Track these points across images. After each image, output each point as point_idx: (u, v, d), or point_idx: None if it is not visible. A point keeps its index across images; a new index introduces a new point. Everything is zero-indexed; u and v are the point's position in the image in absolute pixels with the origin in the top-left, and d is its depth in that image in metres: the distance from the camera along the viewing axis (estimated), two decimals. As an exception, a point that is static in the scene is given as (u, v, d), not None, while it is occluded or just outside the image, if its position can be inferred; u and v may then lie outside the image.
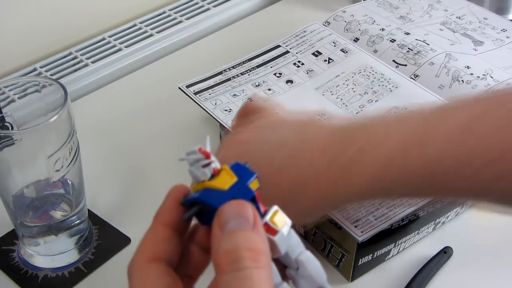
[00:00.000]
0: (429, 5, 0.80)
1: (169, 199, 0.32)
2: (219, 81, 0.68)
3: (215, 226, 0.29)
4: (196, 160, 0.31)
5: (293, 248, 0.31)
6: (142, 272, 0.30)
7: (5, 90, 0.58)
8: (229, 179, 0.31)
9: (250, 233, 0.29)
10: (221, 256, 0.28)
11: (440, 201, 0.54)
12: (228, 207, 0.29)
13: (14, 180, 0.52)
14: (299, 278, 0.31)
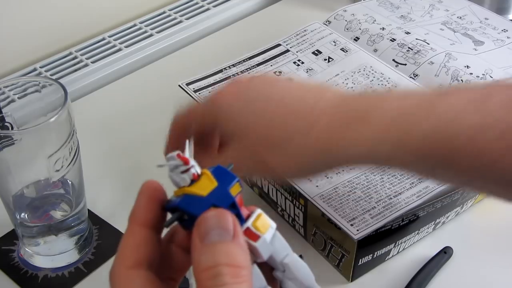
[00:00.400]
0: (430, 5, 0.80)
1: (142, 197, 0.31)
2: (219, 79, 0.68)
3: (195, 236, 0.29)
4: (175, 166, 0.31)
5: (279, 251, 0.31)
6: (125, 281, 0.29)
7: (5, 90, 0.58)
8: (209, 184, 0.30)
9: (230, 245, 0.28)
10: (201, 271, 0.28)
11: (440, 201, 0.54)
12: (208, 216, 0.29)
13: (14, 180, 0.52)
14: (287, 280, 0.31)
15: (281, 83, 0.47)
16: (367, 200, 0.53)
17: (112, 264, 0.30)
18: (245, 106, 0.45)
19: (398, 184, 0.55)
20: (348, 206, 0.53)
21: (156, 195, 0.31)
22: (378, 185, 0.54)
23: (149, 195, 0.31)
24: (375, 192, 0.54)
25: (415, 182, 0.55)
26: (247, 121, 0.44)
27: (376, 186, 0.54)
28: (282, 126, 0.43)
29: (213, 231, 0.28)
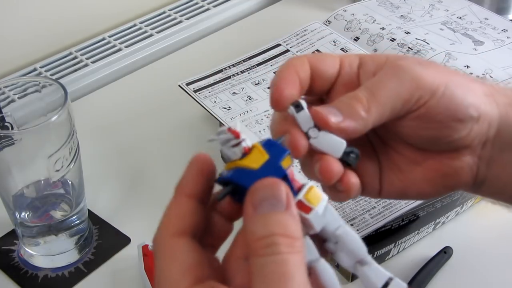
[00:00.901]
0: (430, 5, 0.80)
1: (192, 169, 0.32)
2: (218, 79, 0.68)
3: (248, 205, 0.29)
4: (226, 140, 0.31)
5: (331, 222, 0.31)
6: (169, 248, 0.30)
7: (5, 90, 0.58)
8: (260, 157, 0.30)
9: (283, 216, 0.28)
10: (256, 240, 0.28)
11: (440, 201, 0.54)
12: (261, 185, 0.29)
13: (14, 180, 0.52)
14: (339, 252, 0.31)
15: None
16: (367, 200, 0.53)
17: (156, 231, 0.31)
18: None
19: (398, 184, 0.55)
20: (348, 206, 0.53)
21: (205, 168, 0.32)
22: (378, 185, 0.54)
23: (198, 168, 0.32)
24: (375, 192, 0.54)
25: (415, 182, 0.55)
26: None
27: (376, 186, 0.54)
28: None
29: (267, 201, 0.29)
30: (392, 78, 0.36)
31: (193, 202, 0.31)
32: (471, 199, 0.59)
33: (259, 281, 0.27)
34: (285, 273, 0.27)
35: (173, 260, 0.29)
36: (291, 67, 0.37)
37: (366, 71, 0.38)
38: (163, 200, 0.67)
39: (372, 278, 0.31)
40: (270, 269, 0.27)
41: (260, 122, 0.62)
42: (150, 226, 0.62)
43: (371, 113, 0.35)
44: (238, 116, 0.63)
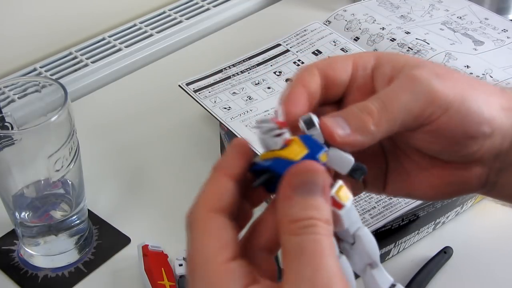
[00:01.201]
0: (430, 5, 0.80)
1: (233, 151, 0.32)
2: (218, 79, 0.68)
3: (286, 187, 0.29)
4: (269, 129, 0.31)
5: (353, 223, 0.31)
6: (206, 223, 0.30)
7: (5, 90, 0.58)
8: (300, 150, 0.31)
9: (321, 201, 0.29)
10: (294, 221, 0.29)
11: (440, 201, 0.54)
12: (302, 169, 0.30)
13: (14, 180, 0.52)
14: (353, 253, 0.32)
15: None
16: (367, 200, 0.53)
17: (191, 207, 0.31)
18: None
19: (398, 184, 0.55)
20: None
21: (246, 152, 0.32)
22: (378, 185, 0.54)
23: (239, 151, 0.32)
24: (375, 192, 0.54)
25: (415, 182, 0.55)
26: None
27: (376, 186, 0.54)
28: None
29: (306, 185, 0.29)
30: (406, 91, 0.34)
31: (232, 182, 0.31)
32: (471, 199, 0.59)
33: (294, 256, 0.28)
34: (322, 251, 0.28)
35: (210, 235, 0.30)
36: (299, 81, 0.36)
37: (381, 74, 0.37)
38: (163, 200, 0.68)
39: (379, 282, 0.31)
40: (308, 246, 0.28)
41: (260, 122, 0.62)
42: (150, 226, 0.63)
43: (380, 127, 0.34)
44: (238, 116, 0.63)
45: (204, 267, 0.29)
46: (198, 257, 0.30)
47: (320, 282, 0.27)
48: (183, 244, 0.59)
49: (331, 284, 0.27)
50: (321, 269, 0.27)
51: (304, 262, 0.28)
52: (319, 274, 0.27)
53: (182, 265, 0.55)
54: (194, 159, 0.68)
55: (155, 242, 0.57)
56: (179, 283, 0.54)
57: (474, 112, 0.35)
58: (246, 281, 0.29)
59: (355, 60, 0.37)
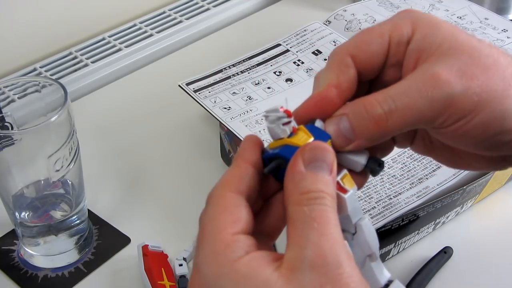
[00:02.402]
0: (430, 5, 0.80)
1: (247, 142, 0.34)
2: (218, 79, 0.68)
3: (298, 160, 0.31)
4: (277, 118, 0.33)
5: (356, 212, 0.32)
6: (224, 199, 0.31)
7: (5, 90, 0.58)
8: (306, 138, 0.32)
9: (329, 179, 0.31)
10: (304, 193, 0.30)
11: (440, 201, 0.54)
12: (315, 146, 0.31)
13: (14, 180, 0.52)
14: (354, 244, 0.33)
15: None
16: (367, 200, 0.53)
17: (213, 188, 0.32)
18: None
19: (398, 184, 0.55)
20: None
21: (258, 143, 0.34)
22: (378, 185, 0.54)
23: (252, 141, 0.34)
24: (375, 192, 0.54)
25: (415, 182, 0.55)
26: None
27: (376, 186, 0.54)
28: None
29: (317, 162, 0.31)
30: (423, 94, 0.32)
31: (251, 167, 0.33)
32: (471, 199, 0.59)
33: (301, 223, 0.29)
34: (329, 219, 0.29)
35: (225, 210, 0.31)
36: (331, 79, 0.34)
37: (411, 51, 0.34)
38: (163, 200, 0.68)
39: (377, 275, 0.32)
40: (316, 213, 0.29)
41: (260, 122, 0.62)
42: (150, 226, 0.63)
43: (386, 133, 0.33)
44: (238, 116, 0.63)
45: (213, 235, 0.30)
46: (209, 226, 0.31)
47: (326, 245, 0.28)
48: (183, 244, 0.59)
49: (335, 248, 0.28)
50: (327, 234, 0.29)
51: (311, 227, 0.29)
52: (325, 239, 0.28)
53: (182, 265, 0.55)
54: (194, 159, 0.68)
55: (155, 242, 0.57)
56: (179, 283, 0.54)
57: (495, 122, 0.33)
58: (245, 251, 0.30)
59: (391, 34, 0.35)
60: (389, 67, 0.36)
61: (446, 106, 0.32)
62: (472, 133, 0.33)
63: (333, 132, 0.34)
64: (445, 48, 0.33)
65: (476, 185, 0.57)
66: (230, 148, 0.64)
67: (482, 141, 0.34)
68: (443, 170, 0.56)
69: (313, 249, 0.28)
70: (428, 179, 0.55)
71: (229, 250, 0.29)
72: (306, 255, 0.28)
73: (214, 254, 0.30)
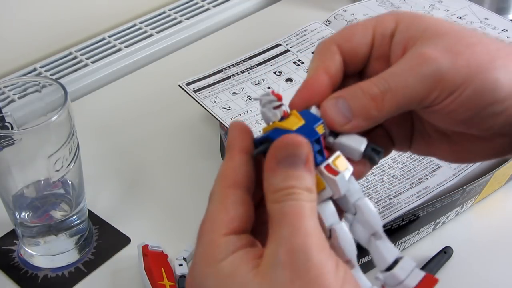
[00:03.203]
0: (430, 5, 0.80)
1: (233, 130, 0.34)
2: (218, 79, 0.68)
3: (271, 159, 0.31)
4: (268, 101, 0.33)
5: (353, 193, 0.33)
6: (222, 197, 0.32)
7: (5, 90, 0.59)
8: (297, 121, 0.33)
9: (302, 171, 0.31)
10: (276, 190, 0.30)
11: (440, 201, 0.54)
12: (285, 142, 0.31)
13: (14, 180, 0.52)
14: (356, 223, 0.33)
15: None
16: (367, 200, 0.53)
17: (213, 185, 0.33)
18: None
19: (398, 184, 0.55)
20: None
21: (245, 128, 0.34)
22: (378, 185, 0.54)
23: (239, 129, 0.34)
24: (375, 192, 0.54)
25: (415, 182, 0.55)
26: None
27: (376, 186, 0.54)
28: None
29: (289, 158, 0.31)
30: (413, 73, 0.33)
31: (244, 156, 0.33)
32: (471, 199, 0.59)
33: (276, 220, 0.30)
34: (301, 213, 0.29)
35: (221, 209, 0.31)
36: (320, 65, 0.36)
37: (397, 43, 0.35)
38: (163, 200, 0.68)
39: (384, 253, 0.32)
40: (287, 210, 0.30)
41: (260, 122, 0.62)
42: (150, 226, 0.63)
43: (383, 112, 0.34)
44: (238, 116, 0.63)
45: (207, 236, 0.31)
46: (206, 226, 0.31)
47: (296, 241, 0.29)
48: (183, 244, 0.59)
49: (306, 242, 0.29)
50: (298, 229, 0.29)
51: (283, 224, 0.29)
52: (296, 234, 0.29)
53: (182, 265, 0.55)
54: (194, 159, 0.68)
55: (155, 242, 0.57)
56: (179, 283, 0.54)
57: (486, 93, 0.33)
58: (237, 249, 0.30)
59: (375, 27, 0.36)
60: (374, 60, 0.36)
61: (436, 81, 0.33)
62: (465, 107, 0.34)
63: (331, 111, 0.34)
64: (429, 33, 0.35)
65: (476, 185, 0.57)
66: (230, 148, 0.64)
67: (475, 114, 0.34)
68: (443, 170, 0.56)
69: (285, 245, 0.29)
70: (428, 179, 0.55)
71: (217, 251, 0.30)
72: (278, 252, 0.29)
73: (204, 254, 0.31)
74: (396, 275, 0.32)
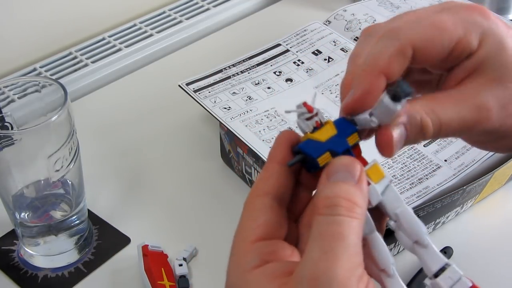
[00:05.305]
0: (430, 5, 0.80)
1: (277, 139, 0.34)
2: (218, 79, 0.68)
3: (323, 174, 0.31)
4: (301, 113, 0.34)
5: (392, 201, 0.32)
6: (251, 206, 0.32)
7: (5, 90, 0.59)
8: (329, 132, 0.33)
9: (352, 187, 0.30)
10: (321, 199, 0.30)
11: (440, 201, 0.54)
12: (340, 160, 0.31)
13: (14, 180, 0.52)
14: (398, 230, 0.33)
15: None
16: (367, 200, 0.53)
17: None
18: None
19: (398, 184, 0.55)
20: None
21: (289, 138, 0.34)
22: (378, 185, 0.54)
23: (282, 138, 0.34)
24: (375, 192, 0.54)
25: (415, 182, 0.55)
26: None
27: (376, 186, 0.54)
28: None
29: (340, 172, 0.31)
30: (467, 122, 0.34)
31: (277, 166, 0.33)
32: (471, 199, 0.59)
33: (314, 236, 0.29)
34: (338, 233, 0.28)
35: (250, 217, 0.32)
36: (377, 65, 0.33)
37: (468, 65, 0.34)
38: (163, 200, 0.68)
39: (428, 261, 0.32)
40: (325, 228, 0.29)
41: (260, 122, 0.62)
42: (150, 226, 0.63)
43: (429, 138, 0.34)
44: (238, 116, 0.63)
45: (236, 244, 0.31)
46: (236, 236, 0.32)
47: (322, 266, 0.27)
48: (183, 244, 0.59)
49: (332, 268, 0.27)
50: (328, 252, 0.28)
51: (316, 244, 0.28)
52: (325, 258, 0.28)
53: (182, 265, 0.55)
54: (194, 159, 0.68)
55: (155, 242, 0.57)
56: (179, 283, 0.54)
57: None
58: (262, 259, 0.30)
59: (459, 43, 0.34)
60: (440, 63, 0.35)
61: (488, 134, 0.35)
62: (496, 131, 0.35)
63: (396, 141, 0.33)
64: (499, 74, 0.34)
65: (476, 185, 0.57)
66: (230, 148, 0.64)
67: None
68: (443, 170, 0.56)
69: (310, 268, 0.28)
70: (428, 179, 0.55)
71: (244, 260, 0.30)
72: (303, 274, 0.28)
73: (234, 263, 0.31)
74: (440, 284, 0.32)
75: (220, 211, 0.61)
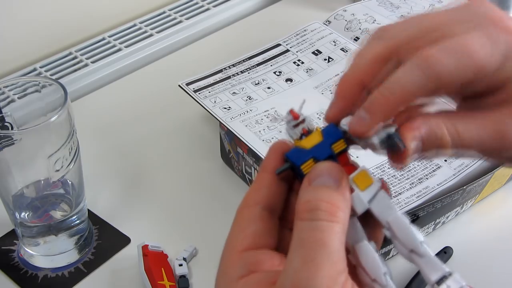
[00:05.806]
0: (430, 5, 0.80)
1: (270, 151, 0.34)
2: (218, 79, 0.68)
3: (305, 180, 0.31)
4: (288, 121, 0.34)
5: (383, 210, 0.32)
6: (240, 216, 0.32)
7: (5, 90, 0.58)
8: (316, 139, 0.33)
9: (333, 191, 0.30)
10: (301, 204, 0.30)
11: (440, 201, 0.54)
12: (322, 165, 0.31)
13: (14, 180, 0.52)
14: (393, 239, 0.32)
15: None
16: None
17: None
18: None
19: (398, 184, 0.55)
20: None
21: (281, 147, 0.34)
22: (378, 185, 0.54)
23: (275, 147, 0.34)
24: (375, 192, 0.54)
25: (415, 182, 0.55)
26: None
27: (376, 186, 0.54)
28: None
29: (322, 177, 0.31)
30: (491, 145, 0.33)
31: (270, 175, 0.33)
32: (471, 199, 0.59)
33: (296, 244, 0.29)
34: (319, 239, 0.28)
35: (238, 227, 0.32)
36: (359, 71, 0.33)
37: (491, 83, 0.32)
38: (163, 200, 0.68)
39: (426, 271, 0.31)
40: (307, 234, 0.28)
41: (260, 122, 0.62)
42: (150, 226, 0.63)
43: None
44: (238, 116, 0.63)
45: (225, 254, 0.32)
46: (225, 246, 0.32)
47: (303, 275, 0.27)
48: (183, 244, 0.59)
49: (313, 278, 0.27)
50: (309, 261, 0.27)
51: (297, 253, 0.28)
52: (306, 267, 0.27)
53: (182, 265, 0.55)
54: (194, 159, 0.68)
55: (155, 242, 0.57)
56: (179, 283, 0.54)
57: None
58: (248, 269, 0.30)
59: (482, 63, 0.31)
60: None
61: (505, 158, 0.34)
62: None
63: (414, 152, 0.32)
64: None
65: (476, 185, 0.57)
66: (230, 148, 0.64)
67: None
68: (443, 170, 0.56)
69: (292, 278, 0.27)
70: (428, 179, 0.55)
71: (231, 270, 0.30)
72: (285, 284, 0.27)
73: (221, 273, 0.31)
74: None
75: (220, 211, 0.61)
